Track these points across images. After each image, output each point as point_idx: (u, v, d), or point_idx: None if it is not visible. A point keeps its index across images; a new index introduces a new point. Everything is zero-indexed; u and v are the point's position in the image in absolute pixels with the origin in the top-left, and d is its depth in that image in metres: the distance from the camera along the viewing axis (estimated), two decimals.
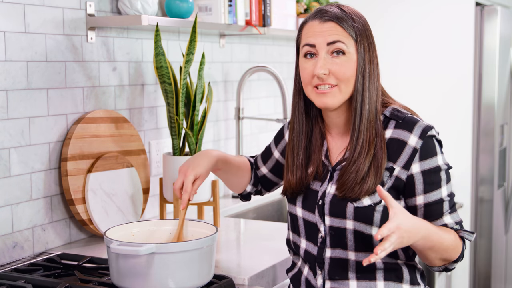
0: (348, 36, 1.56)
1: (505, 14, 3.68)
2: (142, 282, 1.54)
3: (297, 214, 1.68)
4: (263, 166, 1.88)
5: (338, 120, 1.64)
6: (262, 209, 2.93)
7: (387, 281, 1.59)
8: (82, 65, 2.16)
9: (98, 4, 2.20)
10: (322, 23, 1.57)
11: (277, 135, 1.87)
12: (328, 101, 1.57)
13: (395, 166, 1.55)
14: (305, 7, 3.27)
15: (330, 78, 1.56)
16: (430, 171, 1.55)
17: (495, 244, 3.73)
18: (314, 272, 1.64)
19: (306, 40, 1.59)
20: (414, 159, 1.54)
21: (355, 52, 1.57)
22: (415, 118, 1.59)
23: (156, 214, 2.48)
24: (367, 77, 1.58)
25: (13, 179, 1.94)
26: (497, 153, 3.69)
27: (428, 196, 1.55)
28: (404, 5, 3.69)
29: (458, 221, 1.59)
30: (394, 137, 1.57)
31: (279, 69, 3.27)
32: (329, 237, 1.60)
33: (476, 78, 3.61)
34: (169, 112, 2.23)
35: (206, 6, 2.55)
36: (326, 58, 1.56)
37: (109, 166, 2.16)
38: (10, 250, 1.94)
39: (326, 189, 1.61)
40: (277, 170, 1.87)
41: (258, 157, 1.92)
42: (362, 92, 1.57)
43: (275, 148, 1.85)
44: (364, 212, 1.55)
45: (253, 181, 1.89)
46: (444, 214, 1.57)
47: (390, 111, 1.60)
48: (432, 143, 1.56)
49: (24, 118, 1.97)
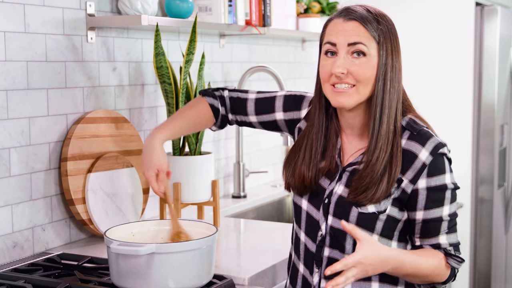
0: (370, 37, 1.54)
1: (505, 14, 3.68)
2: (142, 282, 1.54)
3: (301, 206, 1.67)
4: (254, 115, 1.82)
5: (353, 121, 1.62)
6: (262, 209, 2.93)
7: (382, 283, 1.58)
8: (82, 65, 2.16)
9: (98, 4, 2.20)
10: (345, 22, 1.55)
11: (291, 100, 1.79)
12: (344, 100, 1.56)
13: (403, 178, 1.54)
14: (305, 7, 3.27)
15: (348, 78, 1.55)
16: (436, 188, 1.53)
17: (495, 244, 3.73)
18: (310, 270, 1.64)
19: (328, 38, 1.57)
20: (422, 174, 1.53)
21: (376, 54, 1.55)
22: (430, 132, 1.57)
23: (156, 214, 2.48)
24: (388, 81, 1.56)
25: (13, 179, 1.94)
26: (497, 153, 3.68)
27: (428, 212, 1.54)
28: (404, 5, 3.69)
29: (453, 243, 1.56)
30: (406, 148, 1.55)
31: (279, 69, 3.27)
32: (329, 237, 1.60)
33: (476, 78, 3.61)
34: (169, 112, 2.23)
35: (206, 6, 2.55)
36: (346, 57, 1.54)
37: (109, 166, 2.16)
38: (10, 250, 1.94)
39: (334, 188, 1.61)
40: (267, 125, 1.82)
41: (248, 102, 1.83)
42: (382, 95, 1.55)
43: (281, 109, 1.79)
44: (367, 218, 1.55)
45: (220, 125, 1.89)
46: (440, 233, 1.55)
47: (407, 121, 1.58)
48: (442, 161, 1.54)
49: (24, 118, 1.97)
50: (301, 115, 1.76)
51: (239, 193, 2.92)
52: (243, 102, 1.83)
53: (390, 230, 1.57)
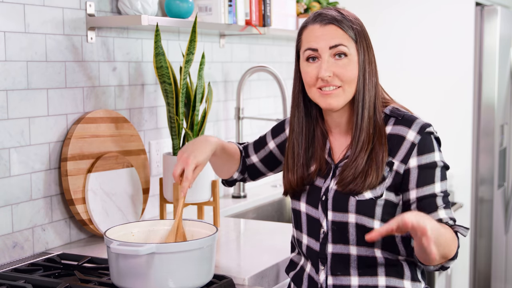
0: (348, 38, 1.59)
1: (505, 14, 3.68)
2: (142, 282, 1.54)
3: (300, 209, 1.70)
4: (254, 155, 1.89)
5: (340, 120, 1.67)
6: (262, 209, 2.93)
7: (389, 277, 1.61)
8: (82, 65, 2.16)
9: (98, 4, 2.20)
10: (323, 27, 1.60)
11: (276, 127, 1.88)
12: (333, 101, 1.61)
13: (394, 160, 1.58)
14: (305, 7, 3.27)
15: (334, 80, 1.60)
16: (426, 166, 1.57)
17: (495, 244, 3.73)
18: (316, 268, 1.66)
19: (308, 45, 1.61)
20: (412, 154, 1.57)
21: (355, 53, 1.60)
22: (414, 116, 1.62)
23: (156, 214, 2.48)
24: (367, 76, 1.61)
25: (13, 179, 1.94)
26: (497, 153, 3.68)
27: (421, 190, 1.57)
28: (404, 5, 3.69)
29: (452, 217, 1.58)
30: (393, 133, 1.60)
31: (279, 69, 3.27)
32: (331, 232, 1.62)
33: (476, 78, 3.61)
34: (169, 112, 2.23)
35: (206, 6, 2.55)
36: (329, 61, 1.59)
37: (109, 166, 2.16)
38: (10, 250, 1.94)
39: (329, 185, 1.64)
40: (268, 161, 1.88)
41: (249, 145, 1.92)
42: (363, 91, 1.61)
43: (271, 139, 1.86)
44: (365, 205, 1.58)
45: (241, 169, 1.90)
46: (439, 208, 1.57)
47: (391, 109, 1.64)
48: (430, 139, 1.59)
49: (24, 118, 1.97)
50: (287, 133, 1.82)
51: (239, 193, 2.92)
52: (246, 147, 1.92)
53: (390, 215, 1.58)
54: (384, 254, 1.61)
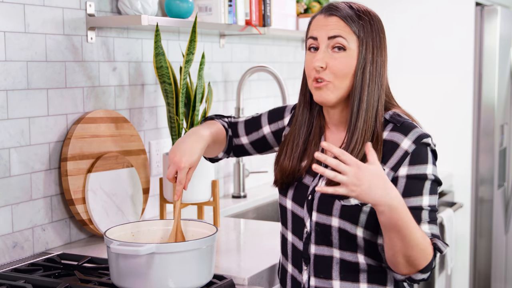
0: (350, 32, 1.57)
1: (505, 14, 3.68)
2: (142, 282, 1.54)
3: (286, 206, 1.69)
4: (245, 136, 1.85)
5: (337, 117, 1.64)
6: (262, 209, 2.93)
7: (371, 284, 1.58)
8: (82, 65, 2.16)
9: (98, 4, 2.20)
10: (326, 17, 1.59)
11: (274, 113, 1.83)
12: (324, 95, 1.58)
13: (385, 167, 1.54)
14: (305, 7, 3.27)
15: (325, 74, 1.56)
16: (415, 176, 1.51)
17: (495, 244, 3.73)
18: (299, 268, 1.65)
19: (311, 33, 1.62)
20: (404, 162, 1.52)
21: (356, 49, 1.57)
22: (414, 124, 1.57)
23: (156, 214, 2.48)
24: (368, 76, 1.57)
25: (13, 179, 1.94)
26: (497, 153, 3.68)
27: (407, 200, 1.48)
28: (403, 5, 3.69)
29: (436, 234, 1.50)
30: (388, 139, 1.56)
31: (279, 69, 3.27)
32: (314, 233, 1.61)
33: (476, 78, 3.61)
34: (169, 112, 2.23)
35: (206, 6, 2.55)
36: (326, 51, 1.57)
37: (109, 166, 2.16)
38: (10, 250, 1.94)
39: (317, 184, 1.62)
40: (258, 144, 1.84)
41: (239, 124, 1.87)
42: (360, 89, 1.56)
43: (267, 124, 1.83)
44: (350, 211, 1.55)
45: (226, 149, 1.86)
46: (422, 222, 1.49)
47: (391, 115, 1.59)
48: (425, 150, 1.53)
49: (24, 118, 1.97)
50: (285, 123, 1.80)
51: (239, 193, 2.92)
52: (235, 125, 1.87)
53: (374, 223, 1.54)
54: (367, 260, 1.57)
